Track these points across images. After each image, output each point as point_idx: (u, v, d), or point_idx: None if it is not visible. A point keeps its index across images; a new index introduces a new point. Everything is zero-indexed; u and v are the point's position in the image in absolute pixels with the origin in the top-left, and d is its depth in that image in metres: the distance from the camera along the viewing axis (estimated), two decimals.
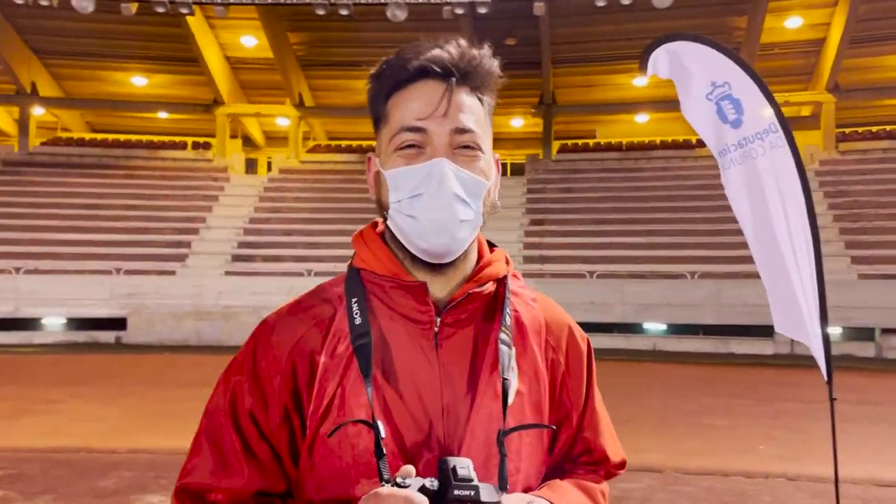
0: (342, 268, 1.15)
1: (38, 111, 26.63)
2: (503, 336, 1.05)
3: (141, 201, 22.90)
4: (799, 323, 3.64)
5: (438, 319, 1.04)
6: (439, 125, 1.02)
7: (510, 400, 1.04)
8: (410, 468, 0.91)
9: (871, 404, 9.46)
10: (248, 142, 29.54)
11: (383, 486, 0.91)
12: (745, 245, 3.94)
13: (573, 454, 1.18)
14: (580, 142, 27.76)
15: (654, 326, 18.40)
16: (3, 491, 5.63)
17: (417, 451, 1.00)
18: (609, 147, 26.86)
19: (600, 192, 23.29)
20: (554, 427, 1.10)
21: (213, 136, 26.70)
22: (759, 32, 22.23)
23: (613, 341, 17.37)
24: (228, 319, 17.60)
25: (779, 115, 3.82)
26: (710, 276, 18.23)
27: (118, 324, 18.22)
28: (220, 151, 26.23)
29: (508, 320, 1.08)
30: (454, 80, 1.03)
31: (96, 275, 19.07)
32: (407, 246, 1.04)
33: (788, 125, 3.84)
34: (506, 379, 1.03)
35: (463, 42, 1.07)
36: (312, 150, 27.93)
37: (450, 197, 0.99)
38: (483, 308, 1.08)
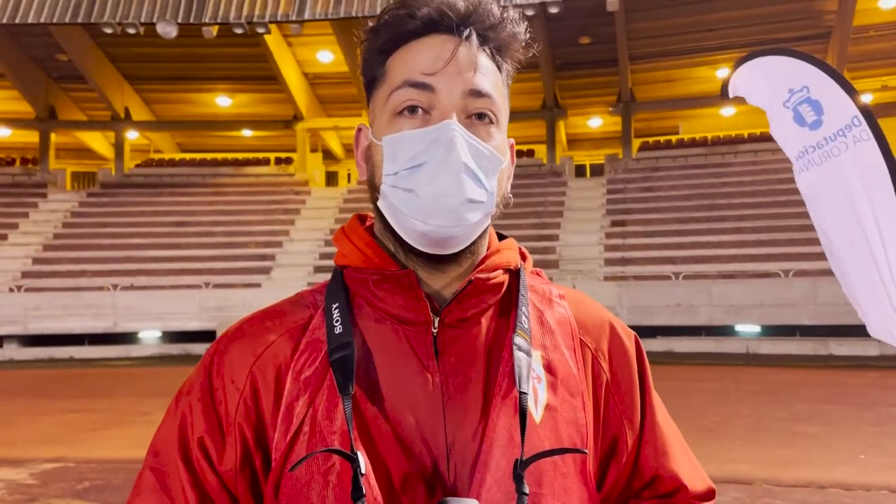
0: None
1: (131, 135, 27.99)
2: (518, 339, 0.84)
3: (227, 217, 23.69)
4: (889, 323, 3.32)
5: (436, 320, 0.84)
6: (450, 84, 0.82)
7: (537, 417, 0.83)
8: None
9: None
10: (328, 155, 30.15)
11: None
12: None
13: (635, 486, 0.94)
14: (662, 139, 26.94)
15: (747, 328, 17.55)
16: (88, 502, 5.82)
17: (411, 489, 0.80)
18: (693, 143, 25.93)
19: (684, 189, 22.50)
20: (586, 451, 0.84)
21: (294, 151, 27.40)
22: (851, 15, 20.98)
23: (702, 345, 16.70)
24: None
25: (862, 108, 3.54)
26: (806, 273, 17.25)
27: (209, 336, 18.83)
28: (300, 166, 26.85)
29: (525, 321, 0.87)
30: (472, 33, 0.84)
31: (187, 289, 19.77)
32: (400, 231, 0.84)
33: (873, 115, 3.55)
34: (523, 392, 0.81)
35: None
36: None
37: (458, 168, 0.79)
38: (494, 306, 0.88)
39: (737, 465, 6.24)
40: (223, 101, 27.72)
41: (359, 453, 0.78)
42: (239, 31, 19.97)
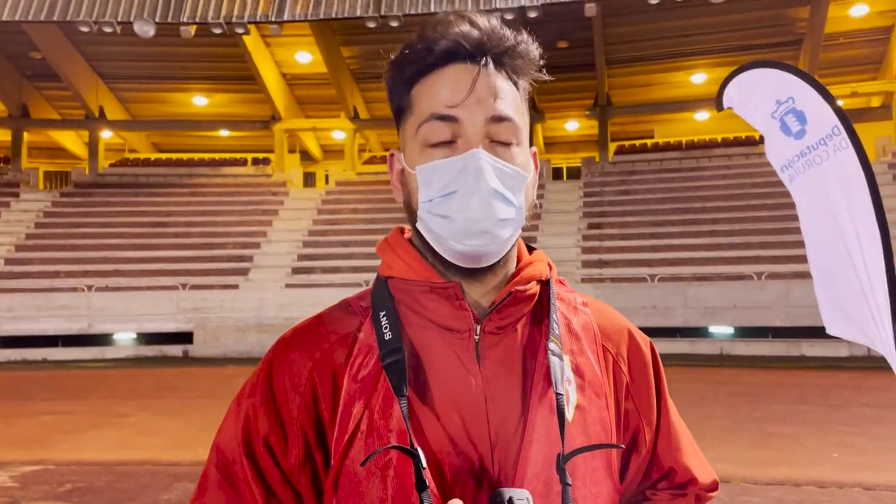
0: None
1: (106, 134, 27.67)
2: (552, 346, 0.92)
3: (204, 217, 23.50)
4: (865, 325, 3.45)
5: (478, 327, 0.92)
6: (472, 113, 0.89)
7: (569, 416, 0.91)
8: (459, 503, 0.80)
9: None
10: (305, 156, 30.05)
11: None
12: None
13: (652, 478, 1.05)
14: (638, 142, 27.27)
15: (721, 330, 17.85)
16: None
17: (461, 482, 0.88)
18: (668, 147, 26.29)
19: (660, 192, 22.80)
20: (623, 446, 0.95)
21: (271, 151, 27.26)
22: (822, 22, 21.42)
23: (677, 346, 16.91)
24: None
25: (841, 117, 3.70)
26: (779, 276, 17.58)
27: (185, 338, 18.71)
28: (278, 166, 26.72)
29: (556, 328, 0.95)
30: (488, 60, 0.91)
31: (164, 290, 19.60)
32: (439, 251, 0.91)
33: (851, 125, 3.71)
34: (559, 394, 0.89)
35: (494, 20, 0.94)
36: (368, 162, 28.22)
37: (488, 193, 0.87)
38: (528, 314, 0.96)
39: (715, 465, 6.28)
40: (200, 101, 27.49)
41: (418, 449, 0.85)
42: (217, 31, 19.86)
